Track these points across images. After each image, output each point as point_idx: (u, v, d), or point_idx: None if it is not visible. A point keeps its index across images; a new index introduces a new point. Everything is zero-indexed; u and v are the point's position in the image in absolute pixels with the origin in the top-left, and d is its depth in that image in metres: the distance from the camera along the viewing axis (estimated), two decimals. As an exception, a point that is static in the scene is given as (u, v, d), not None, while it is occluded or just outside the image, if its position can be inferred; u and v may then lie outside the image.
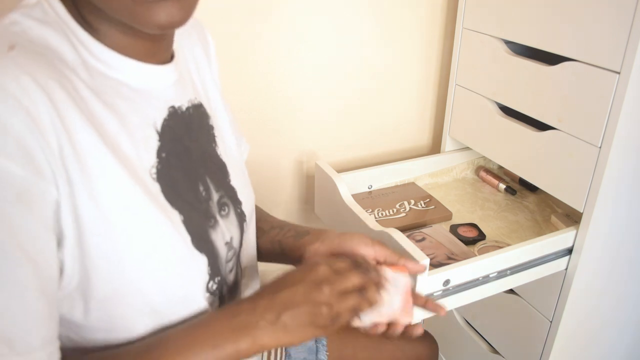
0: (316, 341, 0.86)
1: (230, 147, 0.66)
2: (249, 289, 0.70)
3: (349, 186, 0.93)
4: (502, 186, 1.06)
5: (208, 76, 0.66)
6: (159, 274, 0.50)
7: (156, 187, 0.51)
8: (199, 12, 0.89)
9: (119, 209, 0.47)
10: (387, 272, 0.60)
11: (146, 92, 0.52)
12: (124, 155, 0.48)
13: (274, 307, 0.51)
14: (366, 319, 0.58)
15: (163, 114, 0.54)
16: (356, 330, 0.91)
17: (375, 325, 0.61)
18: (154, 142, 0.52)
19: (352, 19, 1.01)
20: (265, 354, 0.80)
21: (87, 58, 0.47)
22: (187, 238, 0.53)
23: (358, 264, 0.58)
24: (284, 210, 1.11)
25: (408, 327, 0.63)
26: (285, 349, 0.84)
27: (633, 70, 0.68)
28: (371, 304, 0.56)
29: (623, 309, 0.97)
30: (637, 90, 0.70)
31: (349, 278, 0.54)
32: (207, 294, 0.57)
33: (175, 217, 0.52)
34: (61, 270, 0.45)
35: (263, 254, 0.74)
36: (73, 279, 0.46)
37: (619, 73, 0.70)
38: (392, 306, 0.60)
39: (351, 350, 0.88)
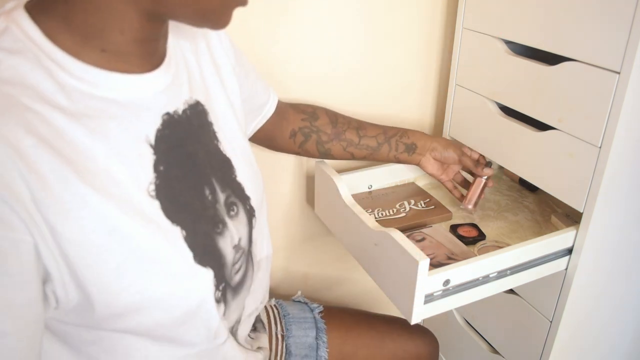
0: (317, 338, 0.86)
1: (234, 138, 0.65)
2: (259, 281, 0.69)
3: (349, 186, 0.93)
4: None
5: (208, 66, 0.63)
6: (159, 296, 0.50)
7: (155, 205, 0.50)
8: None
9: (107, 241, 0.46)
10: None
11: (136, 105, 0.50)
12: (115, 183, 0.47)
13: None
14: None
15: (156, 124, 0.52)
16: (357, 328, 0.92)
17: None
18: (149, 157, 0.51)
19: (351, 18, 1.01)
20: (267, 352, 0.80)
21: (66, 82, 0.45)
22: (189, 255, 0.52)
23: None
24: (284, 210, 1.12)
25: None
26: (286, 346, 0.84)
27: (633, 70, 0.68)
28: None
29: (623, 309, 0.97)
30: (637, 90, 0.70)
31: None
32: (215, 304, 0.57)
33: (176, 234, 0.51)
34: (56, 299, 0.46)
35: (377, 160, 0.97)
36: (70, 302, 0.47)
37: (619, 73, 0.70)
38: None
39: (351, 348, 0.88)
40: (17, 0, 0.47)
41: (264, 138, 0.88)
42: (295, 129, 0.90)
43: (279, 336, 0.84)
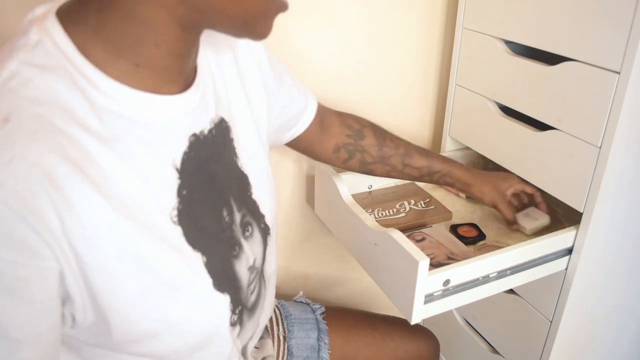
0: (318, 339, 0.86)
1: (254, 154, 0.63)
2: (269, 296, 0.69)
3: (349, 186, 0.93)
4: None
5: (233, 79, 0.61)
6: (177, 322, 0.50)
7: (177, 231, 0.49)
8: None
9: (131, 267, 0.46)
10: None
11: (165, 127, 0.49)
12: (139, 208, 0.46)
13: None
14: None
15: (183, 146, 0.51)
16: (358, 328, 0.92)
17: None
18: (173, 182, 0.50)
19: (351, 18, 1.01)
20: (272, 357, 0.80)
21: (96, 100, 0.44)
22: (209, 281, 0.52)
23: None
24: (284, 210, 1.12)
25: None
26: (288, 347, 0.84)
27: (633, 70, 0.68)
28: None
29: (623, 309, 0.97)
30: (637, 90, 0.70)
31: None
32: (230, 327, 0.56)
33: (197, 260, 0.51)
34: (73, 320, 0.46)
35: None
36: (87, 322, 0.47)
37: (619, 73, 0.70)
38: None
39: (353, 349, 0.88)
40: (49, 4, 0.45)
41: (303, 147, 0.84)
42: (340, 144, 0.85)
43: (281, 337, 0.84)
